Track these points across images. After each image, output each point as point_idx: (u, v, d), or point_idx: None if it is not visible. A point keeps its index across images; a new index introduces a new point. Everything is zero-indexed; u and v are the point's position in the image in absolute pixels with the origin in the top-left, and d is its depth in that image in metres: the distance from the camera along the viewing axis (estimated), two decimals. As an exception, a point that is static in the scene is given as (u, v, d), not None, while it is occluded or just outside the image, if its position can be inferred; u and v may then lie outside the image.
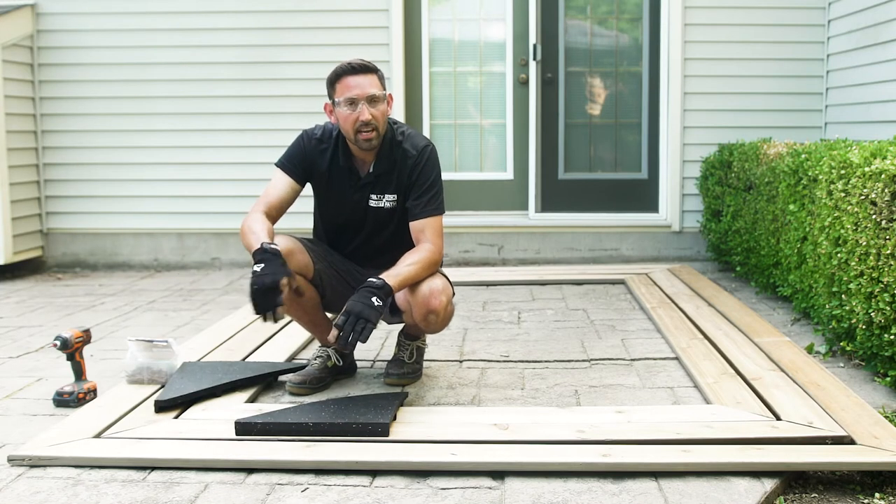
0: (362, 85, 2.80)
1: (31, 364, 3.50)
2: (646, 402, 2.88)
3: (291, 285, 2.64)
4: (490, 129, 6.07)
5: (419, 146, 2.94)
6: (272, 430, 2.49)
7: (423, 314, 2.83)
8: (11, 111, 5.62)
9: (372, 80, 2.83)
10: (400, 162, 2.93)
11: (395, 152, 2.93)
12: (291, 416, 2.55)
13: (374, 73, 2.85)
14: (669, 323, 3.88)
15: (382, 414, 2.55)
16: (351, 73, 2.81)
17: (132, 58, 5.85)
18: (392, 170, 2.93)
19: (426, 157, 2.94)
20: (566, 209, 5.97)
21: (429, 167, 2.94)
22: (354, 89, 2.80)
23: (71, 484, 2.27)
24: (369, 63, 2.85)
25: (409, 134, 2.98)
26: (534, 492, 2.18)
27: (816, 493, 2.27)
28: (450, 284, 2.95)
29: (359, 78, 2.80)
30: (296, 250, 2.87)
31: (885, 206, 2.89)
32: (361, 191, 2.96)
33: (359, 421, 2.49)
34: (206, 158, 5.89)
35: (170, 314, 4.49)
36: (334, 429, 2.48)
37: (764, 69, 5.68)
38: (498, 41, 5.99)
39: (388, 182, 2.94)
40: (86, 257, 6.02)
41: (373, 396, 2.80)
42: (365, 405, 2.65)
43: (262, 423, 2.50)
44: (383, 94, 2.86)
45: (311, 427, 2.48)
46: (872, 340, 3.01)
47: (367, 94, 2.80)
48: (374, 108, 2.82)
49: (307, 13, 5.81)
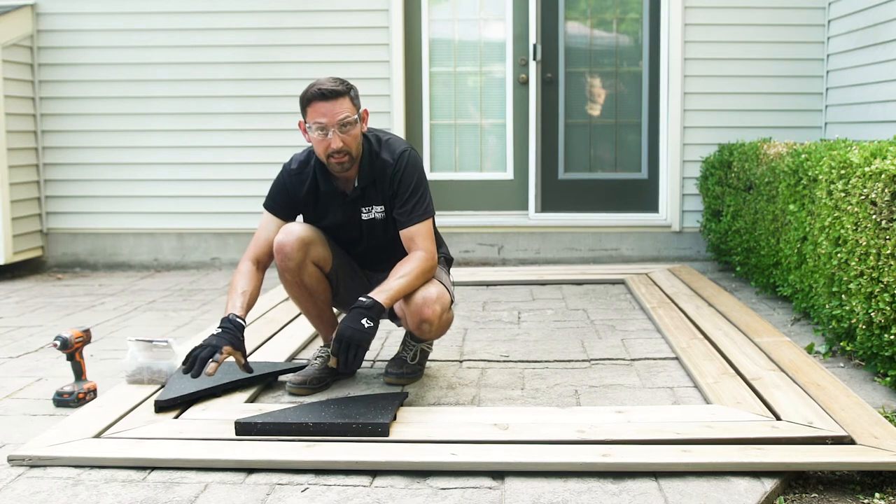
0: (332, 112, 2.74)
1: (31, 364, 3.50)
2: (646, 402, 2.88)
3: (238, 360, 2.66)
4: (490, 129, 6.07)
5: (396, 153, 2.89)
6: (272, 430, 2.49)
7: (416, 323, 2.84)
8: (11, 111, 5.62)
9: (342, 106, 2.75)
10: (380, 172, 2.90)
11: (375, 163, 2.90)
12: (291, 416, 2.55)
13: (345, 95, 2.77)
14: (669, 323, 3.88)
15: (383, 414, 2.55)
16: (321, 99, 2.74)
17: (132, 58, 5.86)
18: (375, 181, 2.91)
19: (405, 163, 2.88)
20: (566, 209, 5.97)
21: (409, 172, 2.88)
22: (324, 116, 2.74)
23: (71, 484, 2.27)
24: (339, 86, 2.77)
25: (385, 141, 2.93)
26: (534, 492, 2.18)
27: (816, 493, 2.28)
28: (447, 291, 2.93)
29: (329, 104, 2.74)
30: (317, 240, 2.92)
31: (885, 206, 2.89)
32: (351, 206, 2.94)
33: (359, 421, 2.49)
34: (206, 158, 5.89)
35: (170, 314, 4.49)
36: (334, 429, 2.48)
37: (764, 69, 5.68)
38: (498, 41, 5.99)
39: (374, 194, 2.92)
40: (86, 257, 6.02)
41: (373, 396, 2.80)
42: (365, 405, 2.65)
43: (261, 424, 2.50)
44: (355, 117, 2.79)
45: (311, 427, 2.48)
46: (872, 340, 3.01)
47: (337, 121, 2.75)
48: (346, 134, 2.77)
49: (307, 13, 5.81)
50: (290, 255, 2.87)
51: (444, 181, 6.05)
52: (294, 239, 2.87)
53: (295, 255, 2.88)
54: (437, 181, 6.04)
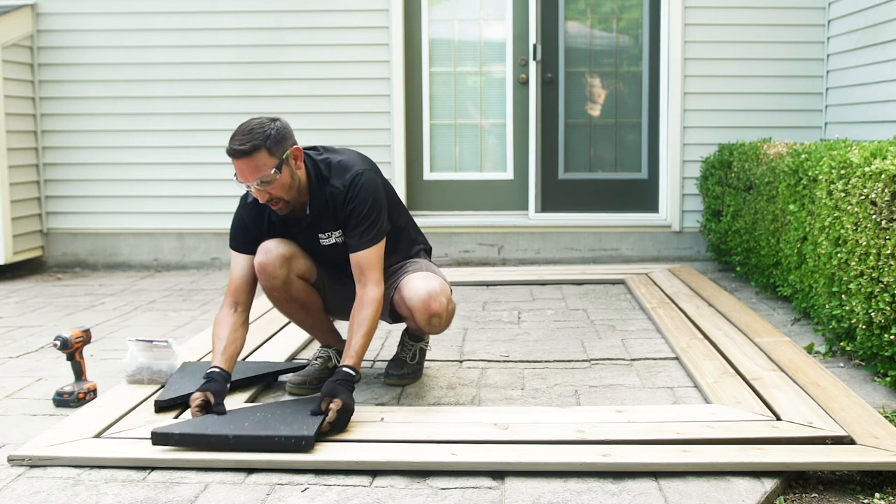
0: (245, 172, 2.62)
1: (31, 364, 3.50)
2: (646, 402, 2.88)
3: (209, 401, 2.57)
4: (490, 129, 6.07)
5: (346, 180, 2.76)
6: (189, 443, 2.39)
7: (426, 319, 2.83)
8: (11, 111, 5.62)
9: (256, 162, 2.60)
10: (331, 199, 2.78)
11: (325, 190, 2.78)
12: (212, 427, 2.43)
13: (257, 150, 2.59)
14: (669, 323, 3.88)
15: (308, 426, 2.42)
16: (233, 157, 2.62)
17: (132, 58, 5.86)
18: (327, 208, 2.80)
19: (357, 189, 2.75)
20: (566, 209, 5.97)
21: (361, 198, 2.74)
22: (241, 175, 2.64)
23: (71, 484, 2.27)
24: (247, 144, 2.59)
25: (336, 165, 2.79)
26: (534, 492, 2.18)
27: (816, 493, 2.28)
28: (445, 281, 2.95)
29: (241, 163, 2.61)
30: (298, 254, 2.88)
31: (885, 206, 2.89)
32: (308, 232, 2.87)
33: (281, 434, 2.37)
34: (206, 158, 5.88)
35: (170, 314, 4.49)
36: (255, 442, 2.37)
37: (764, 69, 5.68)
38: (498, 41, 5.99)
39: (328, 221, 2.83)
40: (86, 257, 6.02)
41: (304, 402, 2.66)
42: (293, 414, 2.52)
43: (179, 435, 2.40)
44: (272, 172, 2.61)
45: (231, 440, 2.37)
46: (872, 340, 3.01)
47: (253, 181, 2.63)
48: (269, 187, 2.65)
49: (307, 13, 5.81)
50: (274, 272, 2.81)
51: (444, 181, 6.05)
52: (275, 257, 2.81)
53: (279, 273, 2.82)
54: (437, 181, 6.05)
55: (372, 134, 5.83)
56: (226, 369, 2.67)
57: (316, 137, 5.80)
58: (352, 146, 3.07)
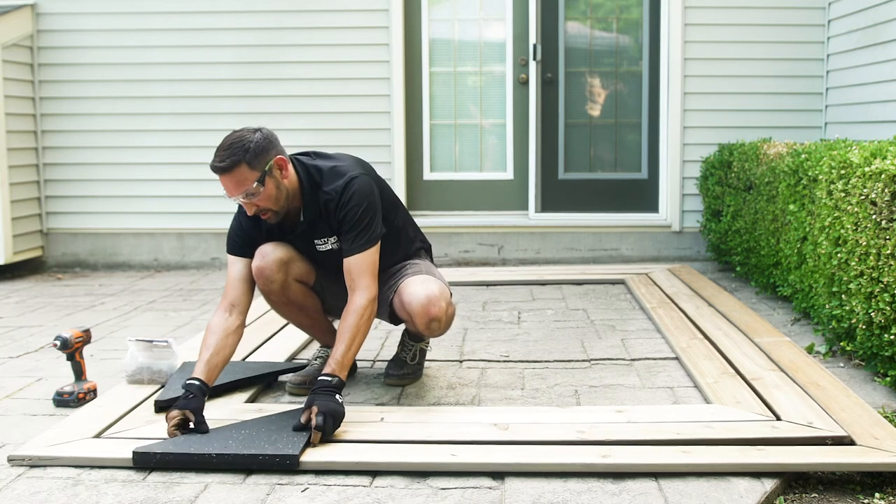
0: (230, 187, 2.61)
1: (31, 364, 3.50)
2: (646, 402, 2.88)
3: (188, 419, 2.50)
4: (490, 129, 6.07)
5: (339, 186, 2.73)
6: (172, 463, 2.33)
7: (425, 323, 2.82)
8: (11, 111, 5.62)
9: (238, 177, 2.59)
10: (325, 206, 2.76)
11: (318, 197, 2.77)
12: (195, 446, 2.38)
13: (237, 165, 2.58)
14: (669, 323, 3.88)
15: (293, 444, 2.37)
16: (216, 173, 2.61)
17: (132, 58, 5.86)
18: (321, 215, 2.79)
19: (350, 194, 2.72)
20: (566, 209, 5.97)
21: (354, 203, 2.71)
22: (226, 189, 2.63)
23: (71, 484, 2.27)
24: (227, 160, 2.58)
25: (329, 171, 2.77)
26: (534, 492, 2.18)
27: (816, 494, 2.28)
28: (444, 284, 2.93)
29: (225, 179, 2.60)
30: (296, 257, 2.87)
31: (885, 206, 2.89)
32: (303, 239, 2.86)
33: (266, 453, 2.33)
34: (206, 158, 5.72)
35: (170, 314, 4.49)
36: (239, 460, 2.32)
37: (764, 69, 5.68)
38: (498, 41, 5.99)
39: (323, 227, 2.81)
40: (86, 257, 6.02)
41: (289, 417, 2.57)
42: (278, 431, 2.46)
43: (161, 454, 2.35)
44: (255, 185, 2.60)
45: (215, 459, 2.33)
46: (872, 340, 3.01)
47: (238, 195, 2.62)
48: (255, 199, 2.64)
49: (307, 13, 5.81)
50: (271, 276, 2.81)
51: (444, 181, 6.05)
52: (272, 261, 2.80)
53: (276, 277, 2.82)
54: (437, 181, 6.05)
55: (372, 134, 5.83)
56: (206, 381, 2.59)
57: (316, 137, 5.82)
58: (352, 146, 3.08)
